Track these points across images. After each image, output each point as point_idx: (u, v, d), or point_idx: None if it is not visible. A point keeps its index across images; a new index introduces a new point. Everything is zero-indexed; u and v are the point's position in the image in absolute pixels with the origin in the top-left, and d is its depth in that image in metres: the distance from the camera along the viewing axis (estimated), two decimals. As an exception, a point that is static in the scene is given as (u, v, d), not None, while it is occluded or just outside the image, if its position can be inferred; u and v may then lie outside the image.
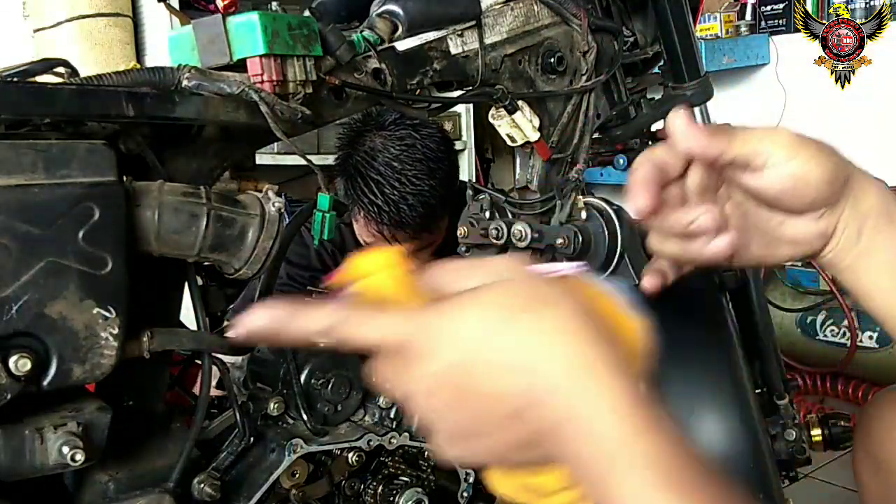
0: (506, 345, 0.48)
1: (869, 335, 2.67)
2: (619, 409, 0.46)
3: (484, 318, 0.49)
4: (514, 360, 0.48)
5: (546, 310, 0.48)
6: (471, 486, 1.01)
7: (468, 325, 0.49)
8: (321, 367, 0.90)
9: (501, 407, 0.48)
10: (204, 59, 0.80)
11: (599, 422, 0.46)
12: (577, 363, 0.47)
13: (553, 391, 0.47)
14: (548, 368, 0.47)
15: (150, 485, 0.79)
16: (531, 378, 0.47)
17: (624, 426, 0.46)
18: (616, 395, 0.47)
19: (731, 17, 3.38)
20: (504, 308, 0.49)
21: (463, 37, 0.97)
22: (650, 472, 0.45)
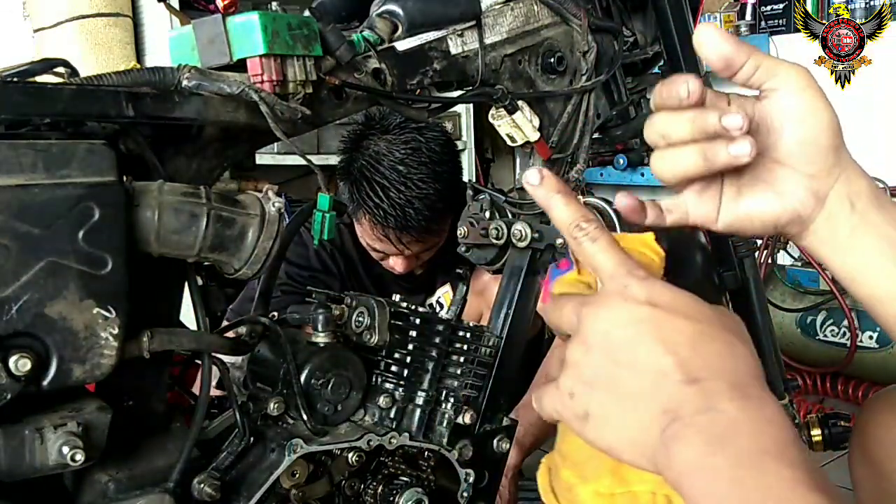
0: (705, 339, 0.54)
1: (869, 335, 2.67)
2: (779, 419, 0.51)
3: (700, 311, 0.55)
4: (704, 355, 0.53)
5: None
6: (471, 486, 1.01)
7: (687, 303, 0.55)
8: (321, 367, 0.90)
9: (655, 374, 0.53)
10: (204, 59, 0.80)
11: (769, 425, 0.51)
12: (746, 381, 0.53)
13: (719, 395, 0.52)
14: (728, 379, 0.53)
15: (150, 485, 0.79)
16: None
17: (784, 433, 0.51)
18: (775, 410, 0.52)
19: (731, 17, 3.38)
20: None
21: (463, 37, 0.97)
22: (804, 474, 0.48)
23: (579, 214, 0.61)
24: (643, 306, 0.55)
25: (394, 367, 0.95)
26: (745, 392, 0.52)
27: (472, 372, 0.99)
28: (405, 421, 0.96)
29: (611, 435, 0.55)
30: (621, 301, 0.56)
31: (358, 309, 0.94)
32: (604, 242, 0.59)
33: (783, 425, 0.51)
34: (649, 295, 0.55)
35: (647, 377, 0.53)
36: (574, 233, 0.60)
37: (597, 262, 0.59)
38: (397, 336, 0.94)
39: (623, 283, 0.56)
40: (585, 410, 0.56)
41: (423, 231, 1.68)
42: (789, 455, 0.49)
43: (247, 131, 0.84)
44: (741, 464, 0.49)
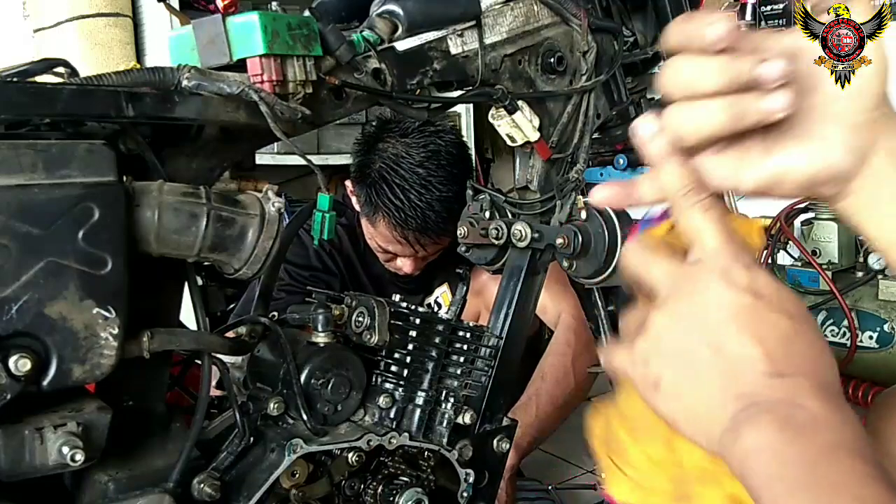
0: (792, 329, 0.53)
1: (869, 335, 2.67)
2: (856, 422, 0.51)
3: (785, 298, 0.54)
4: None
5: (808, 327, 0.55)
6: (471, 486, 1.01)
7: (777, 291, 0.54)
8: (321, 367, 0.90)
9: (742, 362, 0.52)
10: (204, 59, 0.80)
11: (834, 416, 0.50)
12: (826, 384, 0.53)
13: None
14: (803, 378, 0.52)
15: (150, 485, 0.79)
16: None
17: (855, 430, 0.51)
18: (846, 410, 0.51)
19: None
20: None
21: (463, 37, 0.97)
22: (878, 471, 0.48)
23: (691, 179, 0.57)
24: (744, 294, 0.53)
25: (394, 367, 0.95)
26: (828, 393, 0.52)
27: (472, 372, 0.99)
28: (405, 421, 0.96)
29: (678, 408, 0.54)
30: (723, 283, 0.54)
31: (358, 309, 0.94)
32: (715, 215, 0.56)
33: (860, 431, 0.51)
34: (751, 284, 0.53)
35: (732, 363, 0.52)
36: (683, 198, 0.57)
37: (703, 236, 0.56)
38: (397, 336, 0.94)
39: (727, 264, 0.54)
40: (657, 379, 0.55)
41: (441, 233, 1.69)
42: (865, 452, 0.49)
43: (247, 131, 0.84)
44: (815, 454, 0.48)
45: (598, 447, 0.66)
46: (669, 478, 0.62)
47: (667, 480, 0.62)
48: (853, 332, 2.63)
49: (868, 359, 2.65)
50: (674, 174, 0.58)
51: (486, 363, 1.01)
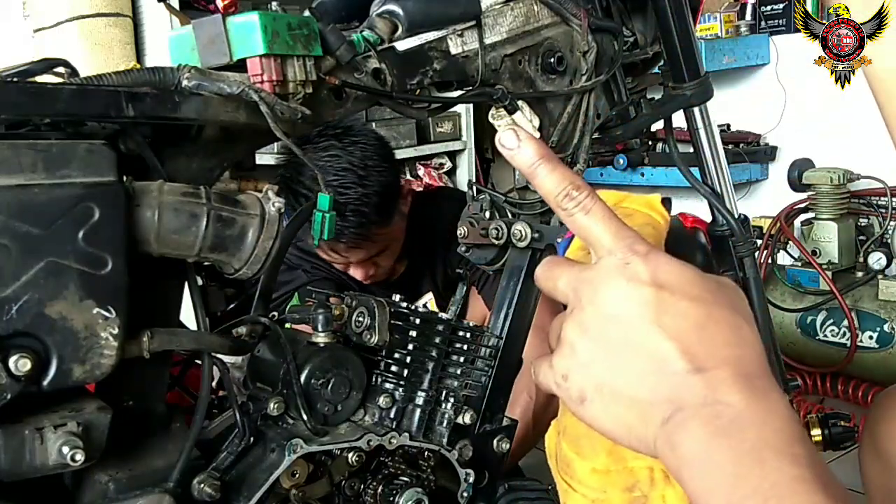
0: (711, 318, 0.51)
1: (869, 335, 2.67)
2: (784, 412, 0.50)
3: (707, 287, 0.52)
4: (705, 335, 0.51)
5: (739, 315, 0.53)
6: (471, 486, 1.01)
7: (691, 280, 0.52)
8: (321, 367, 0.90)
9: (658, 361, 0.51)
10: (204, 59, 0.80)
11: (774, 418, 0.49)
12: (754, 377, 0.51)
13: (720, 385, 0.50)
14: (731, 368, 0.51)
15: (150, 485, 0.79)
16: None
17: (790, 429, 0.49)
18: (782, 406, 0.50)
19: (731, 17, 3.38)
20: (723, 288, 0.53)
21: (463, 37, 0.97)
22: (807, 471, 0.47)
23: (568, 181, 0.55)
24: (646, 287, 0.51)
25: (394, 367, 0.95)
26: (751, 383, 0.50)
27: (472, 372, 0.99)
28: (405, 421, 0.96)
29: (608, 420, 0.53)
30: (622, 280, 0.52)
31: (358, 309, 0.94)
32: (599, 212, 0.54)
33: (788, 418, 0.50)
34: (653, 274, 0.52)
35: (649, 364, 0.51)
36: (564, 204, 0.55)
37: (592, 236, 0.55)
38: (397, 336, 0.94)
39: (624, 259, 0.53)
40: (581, 393, 0.53)
41: (357, 237, 1.67)
42: (794, 451, 0.48)
43: (247, 131, 0.84)
44: (744, 459, 0.48)
45: (550, 461, 0.65)
46: (622, 486, 0.60)
47: (619, 490, 0.60)
48: (853, 332, 2.63)
49: (868, 359, 2.65)
50: (546, 181, 0.56)
51: (486, 363, 1.01)
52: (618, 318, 0.52)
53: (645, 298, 0.51)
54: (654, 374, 0.51)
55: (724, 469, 0.48)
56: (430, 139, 3.15)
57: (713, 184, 1.35)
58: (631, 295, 0.52)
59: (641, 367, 0.51)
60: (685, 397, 0.50)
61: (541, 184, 0.56)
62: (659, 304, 0.51)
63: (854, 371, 2.69)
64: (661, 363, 0.51)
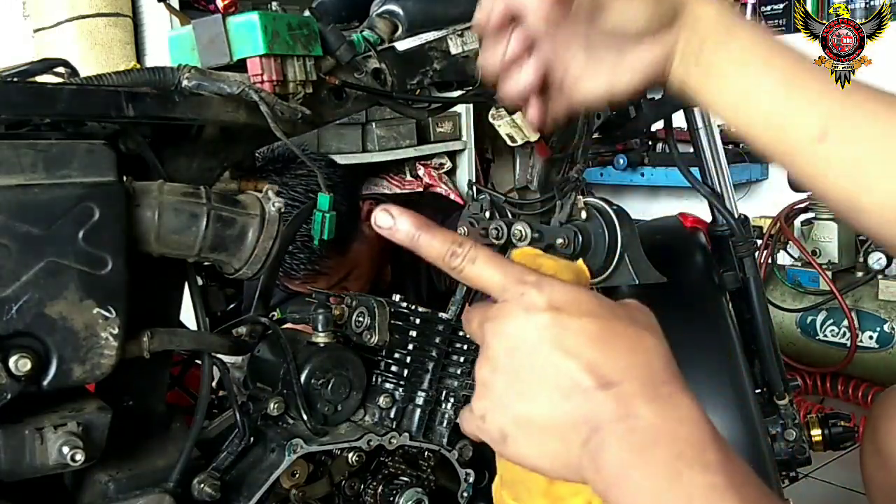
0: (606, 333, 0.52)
1: (869, 335, 2.67)
2: (694, 418, 0.51)
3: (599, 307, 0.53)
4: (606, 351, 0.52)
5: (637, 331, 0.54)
6: (471, 486, 1.01)
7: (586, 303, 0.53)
8: (321, 367, 0.90)
9: (566, 382, 0.51)
10: (204, 59, 0.80)
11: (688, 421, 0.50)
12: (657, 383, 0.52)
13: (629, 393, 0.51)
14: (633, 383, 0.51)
15: (150, 485, 0.79)
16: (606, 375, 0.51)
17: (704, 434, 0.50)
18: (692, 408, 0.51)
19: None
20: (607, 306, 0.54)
21: (463, 37, 0.97)
22: (720, 477, 0.48)
23: (449, 241, 0.57)
24: (543, 313, 0.52)
25: (394, 367, 0.95)
26: (658, 392, 0.51)
27: (472, 372, 0.99)
28: (405, 421, 0.96)
29: (531, 453, 0.53)
30: (520, 311, 0.53)
31: (358, 309, 0.94)
32: (483, 258, 0.56)
33: (698, 424, 0.50)
34: (548, 299, 0.53)
35: (559, 388, 0.51)
36: (451, 262, 0.57)
37: (484, 281, 0.56)
38: (397, 336, 0.94)
39: (517, 291, 0.54)
40: (501, 432, 0.54)
41: (310, 273, 1.64)
42: (706, 458, 0.49)
43: (247, 131, 0.84)
44: (660, 475, 0.48)
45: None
46: None
47: None
48: (853, 332, 2.63)
49: (868, 359, 2.65)
50: (430, 247, 0.58)
51: (486, 363, 1.01)
52: (521, 348, 0.53)
53: (543, 323, 0.52)
54: (565, 396, 0.51)
55: (642, 487, 0.48)
56: (430, 139, 3.15)
57: (713, 184, 1.35)
58: (529, 323, 0.53)
59: (552, 392, 0.52)
60: (599, 415, 0.50)
61: (426, 251, 0.58)
62: (557, 325, 0.52)
63: (854, 371, 2.69)
64: (569, 384, 0.51)
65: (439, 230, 0.58)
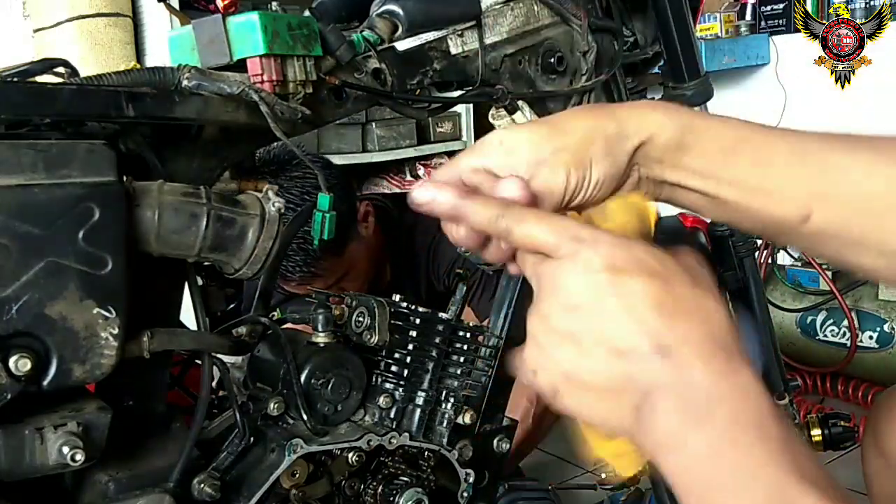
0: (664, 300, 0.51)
1: (869, 335, 2.67)
2: (754, 388, 0.50)
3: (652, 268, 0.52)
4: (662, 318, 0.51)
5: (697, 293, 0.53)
6: (471, 486, 1.01)
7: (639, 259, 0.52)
8: (321, 367, 0.90)
9: (622, 345, 0.51)
10: (204, 59, 0.80)
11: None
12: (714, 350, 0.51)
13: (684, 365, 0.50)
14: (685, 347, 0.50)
15: (150, 485, 0.79)
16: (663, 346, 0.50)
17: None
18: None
19: (731, 17, 3.38)
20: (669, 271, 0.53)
21: (463, 37, 0.97)
22: (776, 445, 0.47)
23: (494, 205, 0.56)
24: (600, 273, 0.51)
25: (394, 367, 0.95)
26: (717, 358, 0.50)
27: (472, 372, 0.99)
28: (405, 421, 0.96)
29: (583, 410, 0.53)
30: (578, 269, 0.52)
31: (358, 309, 0.93)
32: (531, 218, 0.55)
33: (759, 394, 0.50)
34: (604, 258, 0.52)
35: (613, 350, 0.51)
36: (500, 224, 0.55)
37: (537, 241, 0.55)
38: (397, 336, 0.94)
39: (572, 248, 0.53)
40: (553, 386, 0.54)
41: (306, 275, 1.65)
42: (764, 429, 0.48)
43: (247, 131, 0.84)
44: (716, 442, 0.47)
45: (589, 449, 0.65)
46: None
47: None
48: (853, 332, 2.63)
49: (868, 359, 2.65)
50: (477, 214, 0.57)
51: (486, 363, 1.01)
52: (576, 308, 0.52)
53: (600, 284, 0.51)
54: (619, 359, 0.51)
55: (698, 454, 0.48)
56: (430, 139, 3.15)
57: (713, 184, 1.35)
58: (587, 283, 0.52)
59: (605, 355, 0.51)
60: (653, 380, 0.50)
61: (474, 218, 0.57)
62: (613, 287, 0.51)
63: (854, 371, 2.69)
64: (625, 346, 0.51)
65: (481, 197, 0.57)
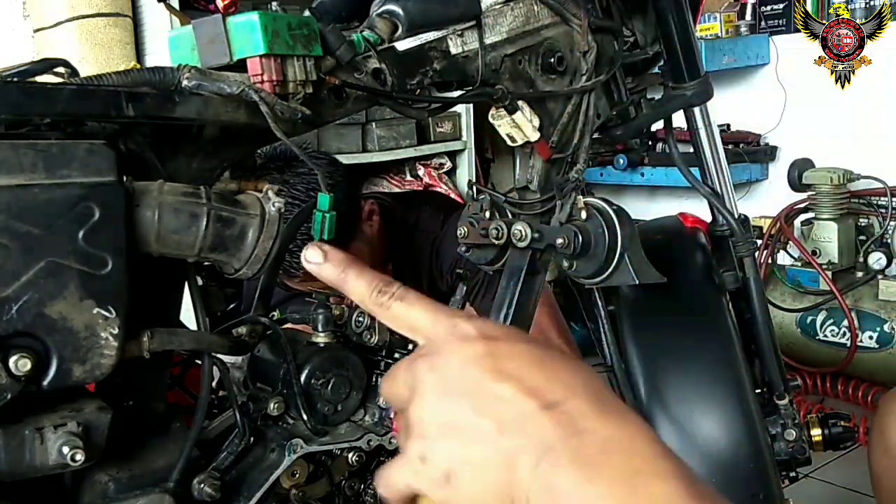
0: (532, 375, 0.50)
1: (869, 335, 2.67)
2: (644, 431, 0.50)
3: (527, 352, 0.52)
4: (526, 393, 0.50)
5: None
6: (471, 486, 1.00)
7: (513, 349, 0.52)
8: (321, 367, 0.90)
9: (508, 408, 0.49)
10: (204, 59, 0.80)
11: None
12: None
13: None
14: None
15: (150, 485, 0.79)
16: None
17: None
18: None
19: (731, 17, 3.39)
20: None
21: (463, 37, 0.97)
22: (680, 486, 0.46)
23: (377, 280, 0.57)
24: (478, 341, 0.52)
25: (394, 367, 0.95)
26: (606, 407, 0.50)
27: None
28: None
29: (478, 487, 0.50)
30: (454, 341, 0.52)
31: (358, 309, 0.94)
32: (412, 297, 0.56)
33: (650, 438, 0.49)
34: (481, 330, 0.52)
35: (503, 413, 0.49)
36: (378, 300, 0.56)
37: (413, 319, 0.55)
38: (397, 336, 0.94)
39: (450, 324, 0.53)
40: (444, 471, 0.50)
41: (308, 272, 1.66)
42: (662, 468, 0.47)
43: (247, 131, 0.84)
44: (616, 488, 0.46)
45: None
46: None
47: None
48: (853, 332, 2.63)
49: (868, 359, 2.65)
50: (357, 284, 0.58)
51: (486, 363, 1.01)
52: (459, 379, 0.51)
53: (480, 351, 0.51)
54: (511, 422, 0.49)
55: (599, 502, 0.47)
56: (430, 139, 3.15)
57: (713, 184, 1.35)
58: (466, 352, 0.51)
59: (498, 420, 0.50)
60: (548, 436, 0.49)
61: (352, 288, 0.58)
62: (493, 352, 0.51)
63: (854, 371, 2.69)
64: (512, 409, 0.49)
65: (368, 270, 0.58)
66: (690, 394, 1.21)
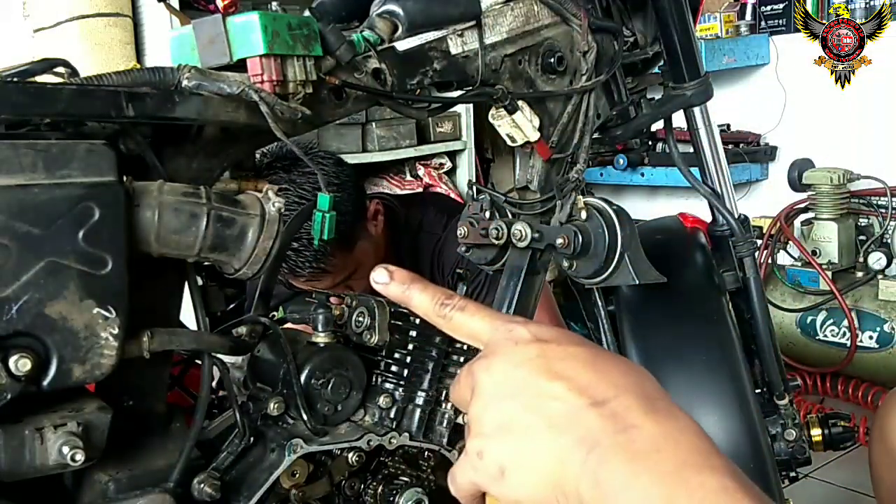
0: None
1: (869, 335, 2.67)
2: (693, 428, 0.51)
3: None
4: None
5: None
6: (471, 486, 1.00)
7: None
8: (321, 367, 0.90)
9: (558, 406, 0.52)
10: (204, 59, 0.80)
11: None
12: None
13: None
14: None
15: (150, 485, 0.79)
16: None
17: None
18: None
19: (731, 17, 3.39)
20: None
21: (463, 37, 0.97)
22: (729, 479, 0.48)
23: (439, 293, 0.61)
24: (532, 344, 0.55)
25: (394, 367, 0.95)
26: (655, 405, 0.51)
27: (472, 372, 0.99)
28: (405, 421, 0.96)
29: (531, 481, 0.52)
30: (510, 344, 0.55)
31: (358, 309, 0.94)
32: (472, 308, 0.60)
33: (699, 433, 0.51)
34: (535, 333, 0.55)
35: (554, 410, 0.52)
36: (441, 311, 0.61)
37: (474, 328, 0.59)
38: (397, 336, 0.94)
39: (506, 329, 0.57)
40: (499, 465, 0.53)
41: (315, 271, 1.66)
42: (712, 463, 0.49)
43: (247, 131, 0.84)
44: (667, 480, 0.48)
45: None
46: None
47: None
48: (853, 332, 2.63)
49: (868, 359, 2.65)
50: (422, 298, 0.62)
51: (486, 363, 1.01)
52: (513, 379, 0.54)
53: (532, 353, 0.54)
54: (561, 419, 0.52)
55: (650, 494, 0.48)
56: (430, 139, 3.15)
57: (713, 184, 1.35)
58: (520, 354, 0.54)
59: (547, 417, 0.52)
60: (596, 432, 0.50)
61: (417, 303, 0.62)
62: (546, 354, 0.54)
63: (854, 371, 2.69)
64: (562, 407, 0.52)
65: (431, 285, 0.62)
66: (690, 394, 1.21)
